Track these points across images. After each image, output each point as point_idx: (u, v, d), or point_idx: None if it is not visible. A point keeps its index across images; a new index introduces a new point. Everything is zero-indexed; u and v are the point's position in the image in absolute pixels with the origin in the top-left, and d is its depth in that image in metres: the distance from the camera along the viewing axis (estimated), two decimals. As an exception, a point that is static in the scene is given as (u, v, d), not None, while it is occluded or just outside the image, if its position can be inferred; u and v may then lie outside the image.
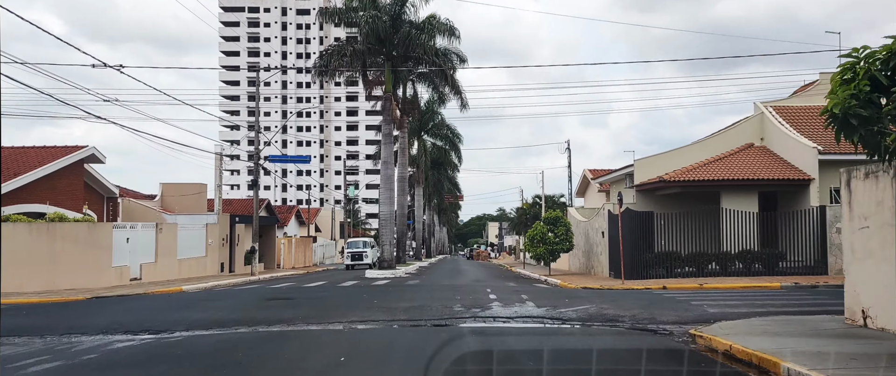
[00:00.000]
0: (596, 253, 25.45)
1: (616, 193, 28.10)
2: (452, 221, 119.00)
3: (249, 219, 38.71)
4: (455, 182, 63.34)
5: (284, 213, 53.62)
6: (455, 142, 48.26)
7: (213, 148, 30.22)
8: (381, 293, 16.73)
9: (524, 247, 27.47)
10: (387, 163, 26.61)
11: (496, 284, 20.61)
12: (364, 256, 37.99)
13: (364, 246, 39.55)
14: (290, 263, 43.61)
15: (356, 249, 39.52)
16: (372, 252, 37.87)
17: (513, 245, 64.72)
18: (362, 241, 40.94)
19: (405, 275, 26.22)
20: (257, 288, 20.32)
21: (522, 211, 52.68)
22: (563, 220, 26.72)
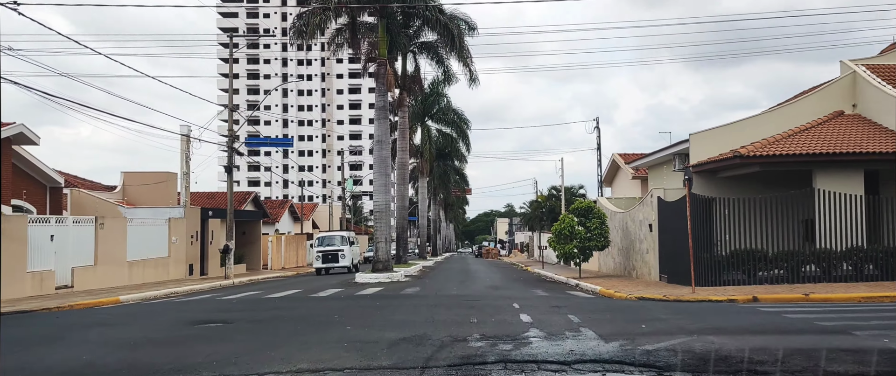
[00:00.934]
0: (639, 251, 20.64)
1: (661, 178, 23.28)
2: (459, 217, 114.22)
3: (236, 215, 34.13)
4: (463, 174, 58.51)
5: (276, 208, 49.01)
6: (463, 129, 43.44)
7: (180, 128, 25.58)
8: (365, 310, 11.98)
9: (549, 244, 22.69)
10: (382, 142, 21.86)
11: (520, 293, 15.81)
12: (340, 256, 28.73)
13: (340, 242, 29.50)
14: (280, 263, 38.97)
15: (329, 247, 29.26)
16: (351, 250, 29.54)
17: (525, 242, 59.92)
18: (339, 236, 30.43)
19: (404, 280, 21.48)
20: (207, 300, 15.60)
21: (537, 204, 47.85)
22: (597, 211, 21.90)
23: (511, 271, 31.52)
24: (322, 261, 29.13)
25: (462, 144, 44.16)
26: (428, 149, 43.02)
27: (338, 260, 28.86)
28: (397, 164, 29.63)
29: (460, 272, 29.12)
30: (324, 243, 30.19)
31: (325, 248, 29.53)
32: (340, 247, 29.29)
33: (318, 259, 29.40)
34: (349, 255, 29.22)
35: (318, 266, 29.30)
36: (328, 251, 29.38)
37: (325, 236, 30.84)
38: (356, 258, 30.03)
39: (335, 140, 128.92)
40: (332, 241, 30.15)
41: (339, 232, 33.51)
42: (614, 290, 15.65)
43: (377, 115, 21.91)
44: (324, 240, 30.69)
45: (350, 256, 29.31)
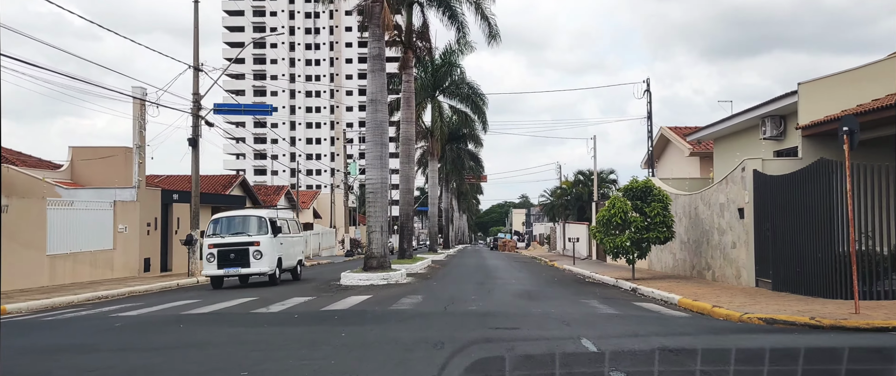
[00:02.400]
0: (718, 244, 15.41)
1: (736, 152, 17.96)
2: (473, 208, 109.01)
3: (214, 200, 29.35)
4: (478, 158, 53.25)
5: (271, 195, 44.19)
6: (478, 105, 38.17)
7: (132, 90, 20.64)
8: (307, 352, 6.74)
9: (593, 235, 17.49)
10: (376, 101, 16.71)
11: (573, 308, 10.57)
12: (251, 255, 15.91)
13: (255, 227, 16.41)
14: (269, 256, 34.11)
15: (230, 239, 16.15)
16: (277, 244, 16.69)
17: (546, 233, 54.69)
18: (253, 217, 16.94)
19: (404, 282, 16.38)
20: (94, 317, 10.50)
21: (562, 191, 42.56)
22: (658, 192, 16.67)
23: (537, 268, 26.38)
24: (218, 264, 15.86)
25: (478, 123, 38.93)
26: (439, 128, 37.91)
27: (246, 262, 15.79)
28: (401, 138, 24.55)
29: (477, 270, 24.03)
30: (220, 229, 16.48)
31: (222, 242, 16.00)
32: (252, 237, 15.93)
33: (209, 260, 15.98)
34: (271, 252, 16.17)
35: (212, 273, 16.10)
36: (228, 246, 15.86)
37: (224, 218, 17.04)
38: (294, 257, 18.35)
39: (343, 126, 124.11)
40: (236, 226, 16.51)
41: (252, 211, 18.94)
42: (709, 304, 10.44)
43: (371, 66, 16.77)
44: (221, 224, 16.65)
45: (273, 254, 16.30)
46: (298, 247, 19.83)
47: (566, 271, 23.89)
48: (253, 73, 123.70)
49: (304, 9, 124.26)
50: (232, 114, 21.82)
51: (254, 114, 21.27)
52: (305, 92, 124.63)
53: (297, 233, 19.98)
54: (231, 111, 21.75)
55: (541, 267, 27.57)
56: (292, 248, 18.68)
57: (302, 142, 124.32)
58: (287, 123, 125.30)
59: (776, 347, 5.79)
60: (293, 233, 19.15)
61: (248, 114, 21.37)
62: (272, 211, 18.75)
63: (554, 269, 25.37)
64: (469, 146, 51.61)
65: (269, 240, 16.39)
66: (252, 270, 16.12)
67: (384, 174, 16.86)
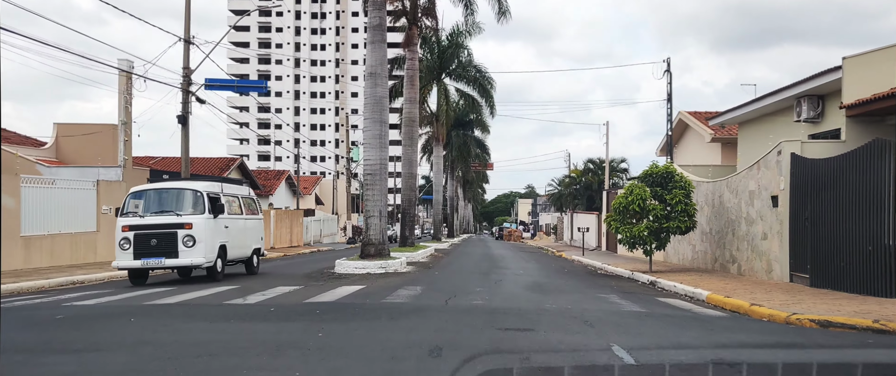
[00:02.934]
0: (745, 235, 14.11)
1: (765, 136, 16.61)
2: (478, 197, 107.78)
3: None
4: (484, 145, 51.88)
5: (271, 180, 43.03)
6: (486, 89, 36.75)
7: (118, 62, 19.40)
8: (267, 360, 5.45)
9: (608, 224, 16.19)
10: (376, 75, 15.39)
11: (593, 306, 9.22)
12: (177, 244, 12.29)
13: (190, 203, 12.75)
14: (268, 242, 32.99)
15: (152, 220, 12.55)
16: (210, 231, 12.74)
17: (552, 223, 53.39)
18: (189, 192, 12.95)
19: (403, 271, 15.16)
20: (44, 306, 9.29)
21: (571, 180, 41.21)
22: (680, 179, 15.37)
23: (545, 259, 25.15)
24: (135, 253, 12.33)
25: (486, 107, 37.55)
26: (445, 112, 36.54)
27: (173, 250, 12.29)
28: (404, 120, 23.26)
29: (482, 259, 22.83)
30: (142, 206, 12.88)
31: (140, 221, 12.53)
32: (182, 218, 12.49)
33: (123, 246, 12.43)
34: (209, 238, 12.68)
35: (126, 264, 12.46)
36: (148, 229, 12.40)
37: (148, 191, 13.47)
38: (247, 245, 14.74)
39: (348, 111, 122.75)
40: (163, 202, 12.94)
41: (187, 183, 13.99)
42: (744, 301, 9.17)
43: (371, 37, 15.44)
44: (145, 199, 13.04)
45: (212, 240, 12.78)
46: (254, 233, 15.35)
47: (576, 262, 22.66)
48: (257, 57, 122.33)
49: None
50: (224, 89, 20.60)
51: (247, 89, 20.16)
52: (310, 77, 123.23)
53: (253, 214, 15.56)
54: (223, 86, 20.51)
55: (549, 257, 26.35)
56: (243, 234, 14.48)
57: (306, 127, 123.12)
58: (291, 109, 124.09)
59: (869, 362, 4.53)
60: (246, 215, 14.91)
61: (242, 90, 20.14)
62: (215, 183, 14.05)
63: (563, 260, 24.14)
64: (476, 132, 50.29)
65: (207, 221, 12.52)
66: (180, 261, 12.32)
67: (383, 155, 15.58)
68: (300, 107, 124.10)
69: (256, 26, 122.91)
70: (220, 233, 13.29)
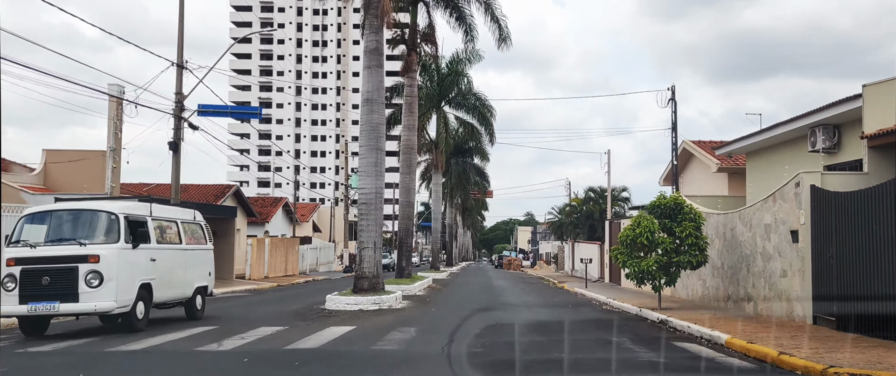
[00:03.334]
0: (761, 272, 13.31)
1: (777, 167, 15.95)
2: (477, 224, 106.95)
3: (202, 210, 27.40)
4: (484, 173, 51.26)
5: (267, 207, 42.28)
6: (486, 117, 36.25)
7: (107, 87, 18.81)
8: None
9: (614, 257, 15.40)
10: (372, 101, 14.76)
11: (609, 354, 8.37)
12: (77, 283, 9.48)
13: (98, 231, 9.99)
14: (261, 272, 32.14)
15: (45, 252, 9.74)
16: (125, 265, 10.03)
17: (552, 252, 52.50)
18: (102, 215, 10.17)
19: (398, 307, 14.33)
20: None
21: (571, 208, 40.45)
22: (690, 210, 14.65)
23: (546, 291, 24.27)
24: (21, 296, 9.51)
25: (485, 135, 36.99)
26: (444, 139, 36.00)
27: (73, 291, 9.55)
28: (402, 147, 22.62)
29: (481, 291, 21.97)
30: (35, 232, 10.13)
31: (31, 253, 9.73)
32: (85, 248, 9.72)
33: (9, 286, 9.57)
34: (123, 276, 10.01)
35: (11, 310, 9.59)
36: (42, 263, 9.65)
37: (45, 213, 10.56)
38: (186, 282, 12.14)
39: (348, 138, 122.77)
40: (64, 227, 10.22)
41: (98, 203, 11.12)
42: (772, 349, 8.36)
43: (367, 62, 14.86)
44: (42, 223, 10.33)
45: (128, 278, 10.15)
46: (198, 268, 12.52)
47: (579, 295, 21.79)
48: (259, 85, 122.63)
49: (312, 21, 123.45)
50: (218, 115, 19.98)
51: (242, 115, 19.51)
52: (311, 104, 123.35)
53: (198, 243, 12.79)
54: (217, 113, 19.88)
55: (551, 289, 25.47)
56: (181, 269, 11.82)
57: (307, 154, 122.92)
58: (292, 136, 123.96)
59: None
60: (188, 244, 12.13)
61: (236, 116, 19.56)
62: (142, 204, 11.26)
63: (565, 293, 23.27)
64: (475, 160, 49.72)
65: (122, 253, 9.82)
66: (80, 307, 9.51)
67: (379, 183, 14.87)
68: (301, 134, 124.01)
69: (258, 54, 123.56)
70: (142, 267, 10.39)
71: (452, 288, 23.27)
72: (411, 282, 20.86)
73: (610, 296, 19.43)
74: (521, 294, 21.60)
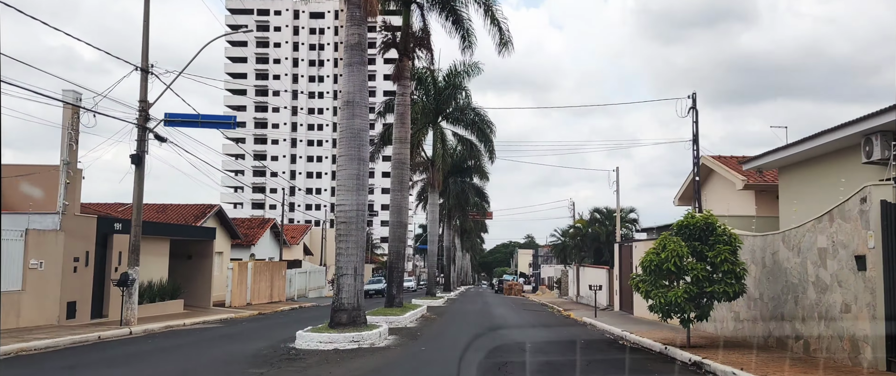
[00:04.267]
0: (814, 306, 11.14)
1: (816, 183, 13.92)
2: (477, 247, 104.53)
3: (177, 232, 25.32)
4: (483, 193, 49.16)
5: (254, 228, 40.08)
6: (485, 133, 34.30)
7: (62, 94, 16.79)
8: None
9: (635, 286, 13.23)
10: (353, 104, 12.70)
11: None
12: None
13: None
14: (243, 299, 29.86)
15: None
16: None
17: (555, 276, 50.19)
18: None
19: (380, 347, 12.09)
20: None
21: (577, 230, 38.27)
22: (725, 232, 12.56)
23: (552, 320, 22.01)
24: None
25: (484, 152, 34.99)
26: (441, 157, 33.98)
27: None
28: (394, 162, 20.52)
29: (481, 321, 19.75)
30: None
31: None
32: None
33: None
34: None
35: None
36: None
37: None
38: None
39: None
40: None
41: None
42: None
43: (347, 59, 12.84)
44: None
45: None
46: None
47: (589, 326, 19.55)
48: (254, 105, 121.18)
49: (309, 40, 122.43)
50: (186, 125, 17.93)
51: (213, 126, 17.46)
52: (307, 125, 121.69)
53: None
54: (186, 122, 17.84)
55: (557, 319, 23.19)
56: None
57: (302, 176, 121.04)
58: (288, 156, 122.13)
59: None
60: None
61: (207, 126, 17.48)
62: None
63: (574, 324, 21.00)
64: (474, 180, 47.70)
65: None
66: None
67: (361, 199, 12.77)
68: (297, 154, 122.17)
69: (253, 73, 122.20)
70: None
71: (448, 319, 21.01)
72: (402, 311, 18.61)
73: (625, 328, 17.21)
74: (524, 325, 19.37)
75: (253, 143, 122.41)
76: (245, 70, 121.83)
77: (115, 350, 12.08)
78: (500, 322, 20.07)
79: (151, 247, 22.94)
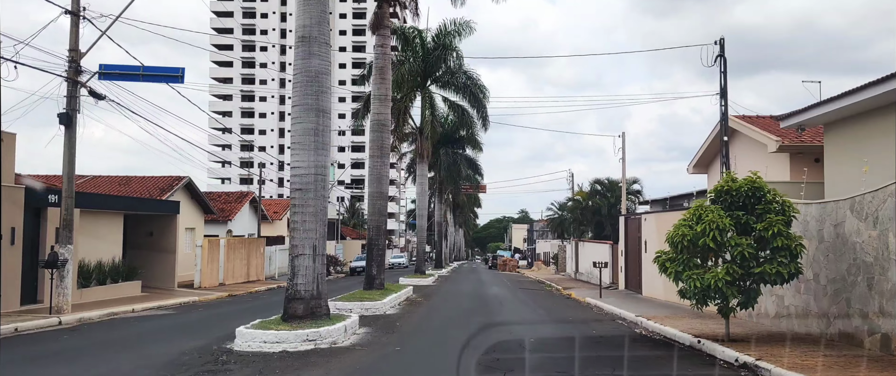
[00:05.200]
0: (893, 292, 8.67)
1: (883, 141, 11.39)
2: (470, 222, 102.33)
3: (134, 206, 22.72)
4: (476, 165, 46.55)
5: (231, 203, 37.42)
6: (478, 98, 31.54)
7: (-29, 42, 13.98)
8: None
9: (662, 266, 10.74)
10: (309, 40, 9.87)
11: None
12: None
13: None
14: (215, 278, 27.35)
15: None
16: None
17: (554, 252, 47.93)
18: None
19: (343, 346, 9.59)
20: None
21: (576, 202, 35.83)
22: (776, 198, 10.06)
23: (553, 302, 19.62)
24: None
25: (477, 118, 32.32)
26: (430, 124, 31.29)
27: None
28: (373, 122, 17.82)
29: (474, 305, 17.34)
30: None
31: None
32: None
33: None
34: None
35: None
36: None
37: None
38: None
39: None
40: None
41: None
42: None
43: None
44: None
45: None
46: None
47: (596, 309, 17.15)
48: (241, 77, 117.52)
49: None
50: (125, 78, 15.16)
51: (156, 79, 14.75)
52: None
53: None
54: (124, 75, 15.08)
55: (557, 299, 20.81)
56: None
57: (274, 149, 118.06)
58: (276, 130, 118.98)
59: None
60: None
61: (149, 80, 14.71)
62: None
63: (577, 305, 18.61)
64: (467, 151, 45.04)
65: None
66: None
67: (320, 160, 10.14)
68: (285, 128, 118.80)
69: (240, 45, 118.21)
70: None
71: (437, 302, 18.57)
72: (382, 294, 16.11)
73: (638, 312, 14.81)
74: (522, 308, 16.96)
75: (240, 117, 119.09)
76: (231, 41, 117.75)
77: (12, 351, 9.55)
78: (495, 305, 17.65)
79: (101, 222, 20.33)
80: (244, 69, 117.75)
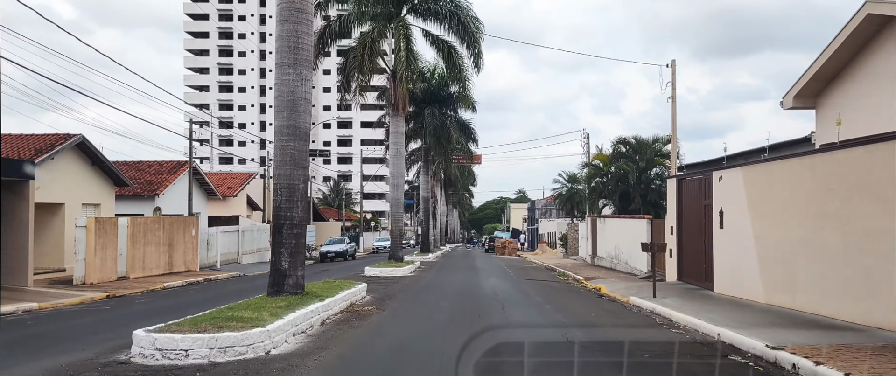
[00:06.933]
0: None
1: None
2: (465, 202, 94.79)
3: None
4: (468, 129, 38.99)
5: (162, 174, 29.92)
6: (470, 32, 23.98)
7: None
8: None
9: None
10: None
11: None
12: None
13: None
14: (111, 271, 20.02)
15: None
16: None
17: (562, 232, 40.68)
18: None
19: None
20: None
21: (595, 168, 28.47)
22: None
23: (581, 302, 12.29)
24: None
25: (469, 58, 24.84)
26: (405, 62, 23.80)
27: None
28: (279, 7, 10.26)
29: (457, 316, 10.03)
30: None
31: None
32: None
33: None
34: None
35: None
36: None
37: None
38: None
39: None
40: None
41: None
42: None
43: None
44: None
45: None
46: None
47: (656, 317, 9.82)
48: (218, 48, 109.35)
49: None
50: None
51: None
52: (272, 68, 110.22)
53: None
54: None
55: (587, 299, 13.44)
56: None
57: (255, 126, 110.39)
58: (256, 106, 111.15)
59: None
60: None
61: None
62: None
63: (621, 308, 11.31)
64: (458, 112, 37.58)
65: None
66: None
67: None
68: (267, 104, 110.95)
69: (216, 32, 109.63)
70: None
71: (397, 310, 11.34)
72: (284, 310, 8.79)
73: (760, 335, 7.51)
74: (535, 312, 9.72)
75: (218, 91, 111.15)
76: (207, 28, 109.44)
77: None
78: (490, 314, 10.43)
79: None
80: (221, 40, 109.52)
